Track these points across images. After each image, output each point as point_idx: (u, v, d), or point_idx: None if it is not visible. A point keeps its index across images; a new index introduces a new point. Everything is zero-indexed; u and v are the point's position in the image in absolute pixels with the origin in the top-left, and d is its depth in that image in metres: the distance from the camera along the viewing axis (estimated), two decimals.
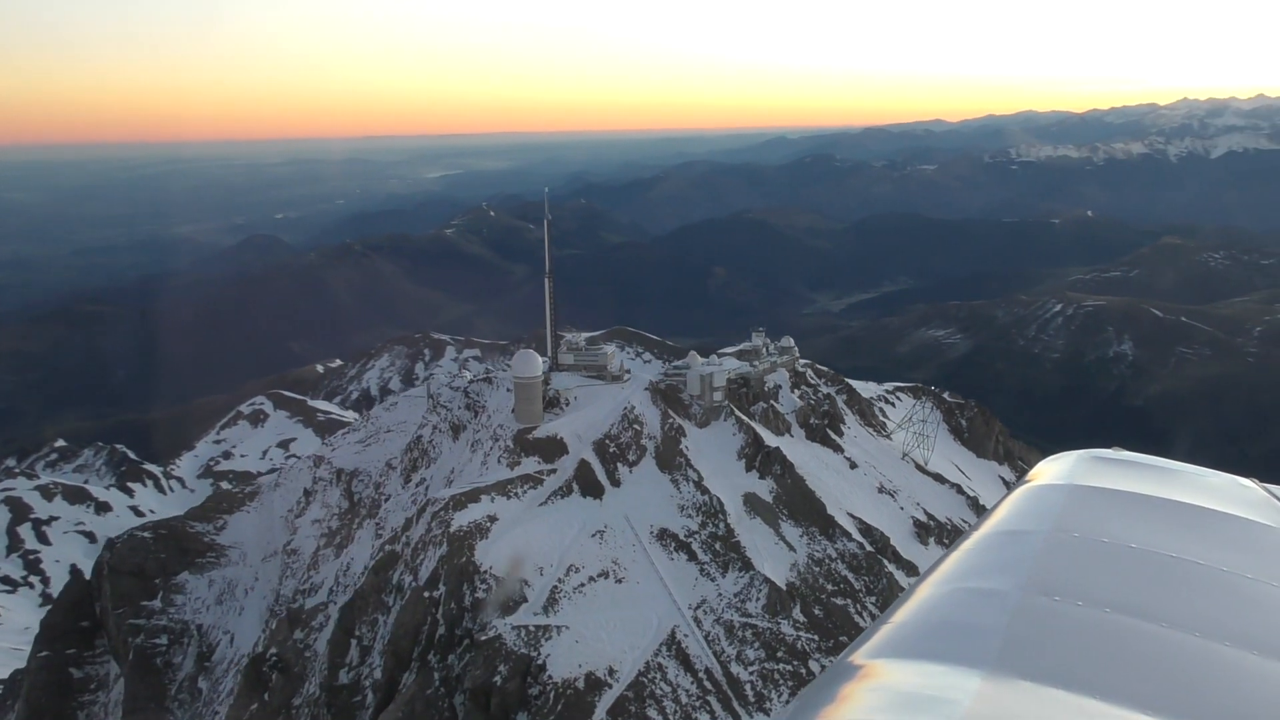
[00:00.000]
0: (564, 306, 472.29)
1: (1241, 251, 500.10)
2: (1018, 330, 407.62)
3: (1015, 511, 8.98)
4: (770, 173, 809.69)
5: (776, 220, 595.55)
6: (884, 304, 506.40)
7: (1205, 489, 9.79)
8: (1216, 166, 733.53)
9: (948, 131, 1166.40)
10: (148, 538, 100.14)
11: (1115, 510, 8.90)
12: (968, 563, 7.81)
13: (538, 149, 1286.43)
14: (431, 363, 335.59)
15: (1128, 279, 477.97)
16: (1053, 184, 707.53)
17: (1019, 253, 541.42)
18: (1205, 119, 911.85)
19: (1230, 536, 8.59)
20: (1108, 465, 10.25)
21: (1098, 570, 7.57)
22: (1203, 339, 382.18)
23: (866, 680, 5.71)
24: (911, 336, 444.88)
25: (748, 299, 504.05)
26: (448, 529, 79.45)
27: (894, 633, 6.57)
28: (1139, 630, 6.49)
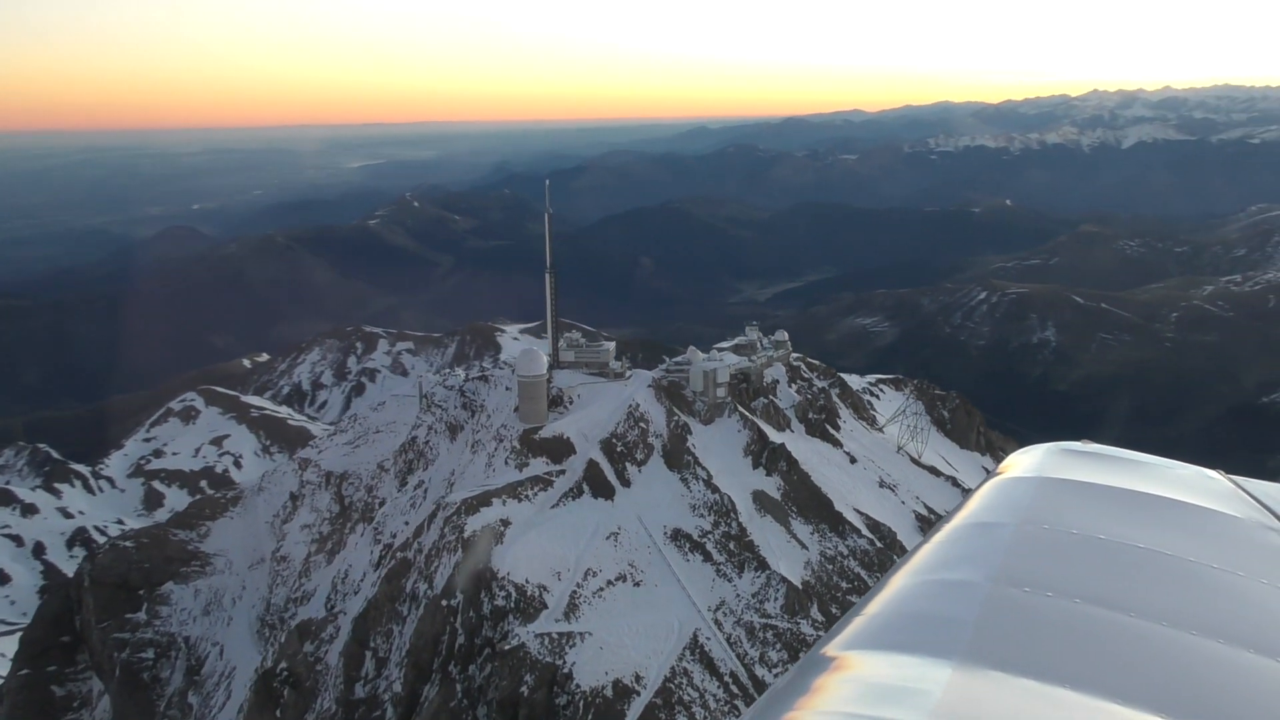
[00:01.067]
0: (491, 298, 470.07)
1: (1156, 239, 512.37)
2: (944, 318, 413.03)
3: (986, 504, 8.99)
4: (693, 163, 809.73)
5: (701, 210, 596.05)
6: (809, 293, 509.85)
7: (1173, 481, 9.85)
8: (1128, 156, 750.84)
9: (867, 122, 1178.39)
10: (130, 547, 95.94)
11: (1084, 502, 8.96)
12: (939, 554, 7.81)
13: (459, 139, 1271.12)
14: (364, 356, 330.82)
15: (1048, 266, 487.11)
16: (971, 173, 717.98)
17: (941, 241, 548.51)
18: (1116, 110, 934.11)
19: (1197, 528, 8.65)
20: (1077, 458, 10.32)
21: (1067, 562, 7.60)
22: (1122, 325, 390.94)
23: (839, 671, 5.74)
24: (839, 325, 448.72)
25: (674, 289, 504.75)
26: (461, 534, 77.11)
27: (866, 624, 6.57)
28: (1107, 620, 6.55)
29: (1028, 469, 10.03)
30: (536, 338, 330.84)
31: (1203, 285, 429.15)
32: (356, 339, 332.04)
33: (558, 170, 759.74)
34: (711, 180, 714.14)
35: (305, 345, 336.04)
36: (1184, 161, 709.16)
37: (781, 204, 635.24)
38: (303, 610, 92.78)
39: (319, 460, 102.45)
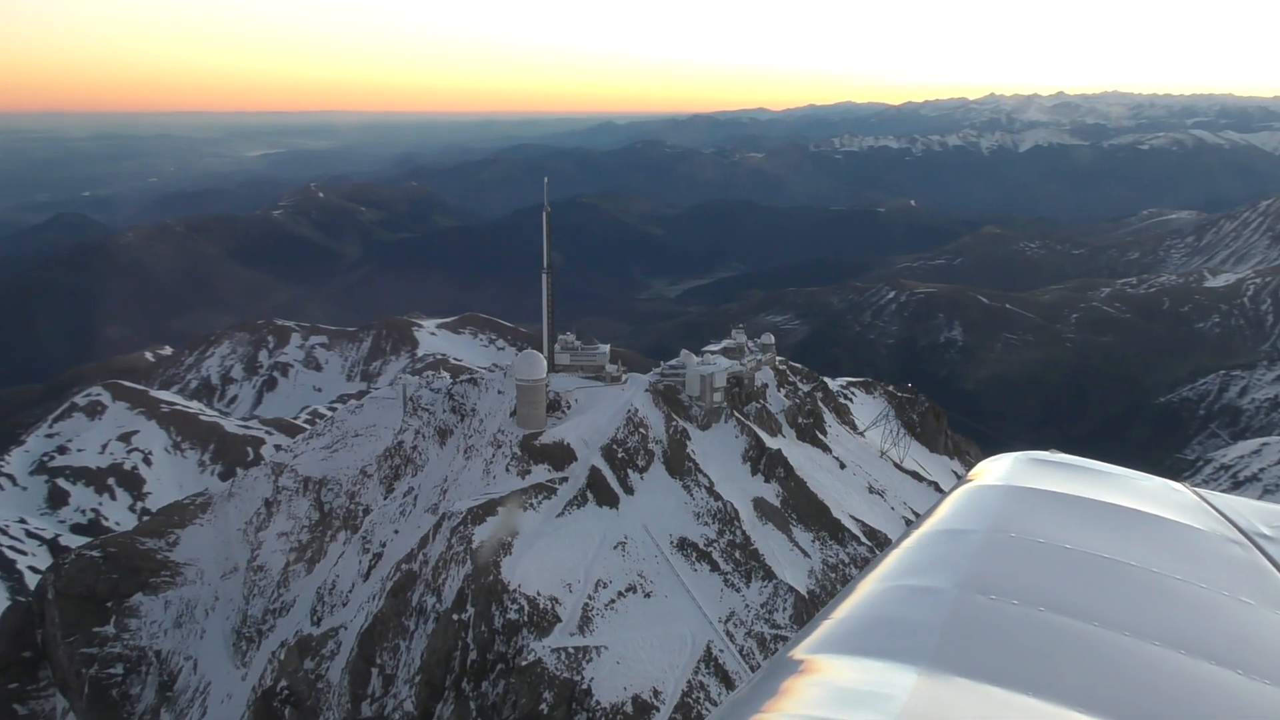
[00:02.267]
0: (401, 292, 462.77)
1: (1055, 242, 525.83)
2: (854, 316, 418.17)
3: (953, 511, 9.04)
4: (601, 158, 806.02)
5: (610, 206, 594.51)
6: (719, 290, 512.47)
7: (1138, 492, 9.96)
8: (1025, 159, 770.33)
9: (772, 120, 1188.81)
10: (96, 557, 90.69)
11: (1051, 511, 9.00)
12: (906, 561, 7.86)
13: (362, 129, 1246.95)
14: (276, 350, 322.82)
15: (952, 267, 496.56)
16: (875, 174, 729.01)
17: (847, 240, 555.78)
18: (1012, 114, 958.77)
19: (1161, 539, 8.74)
20: (1044, 467, 10.37)
21: (1033, 570, 7.68)
22: (1025, 325, 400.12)
23: (805, 675, 5.79)
24: (751, 322, 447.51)
25: (585, 285, 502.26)
26: (469, 545, 74.31)
27: (834, 628, 6.61)
28: (1072, 629, 6.62)
29: (996, 477, 10.07)
30: (453, 332, 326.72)
31: (1100, 287, 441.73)
32: (268, 332, 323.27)
33: (464, 163, 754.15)
34: (620, 176, 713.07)
35: (214, 338, 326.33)
36: (1078, 165, 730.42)
37: (689, 200, 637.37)
38: (282, 622, 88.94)
39: (295, 465, 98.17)
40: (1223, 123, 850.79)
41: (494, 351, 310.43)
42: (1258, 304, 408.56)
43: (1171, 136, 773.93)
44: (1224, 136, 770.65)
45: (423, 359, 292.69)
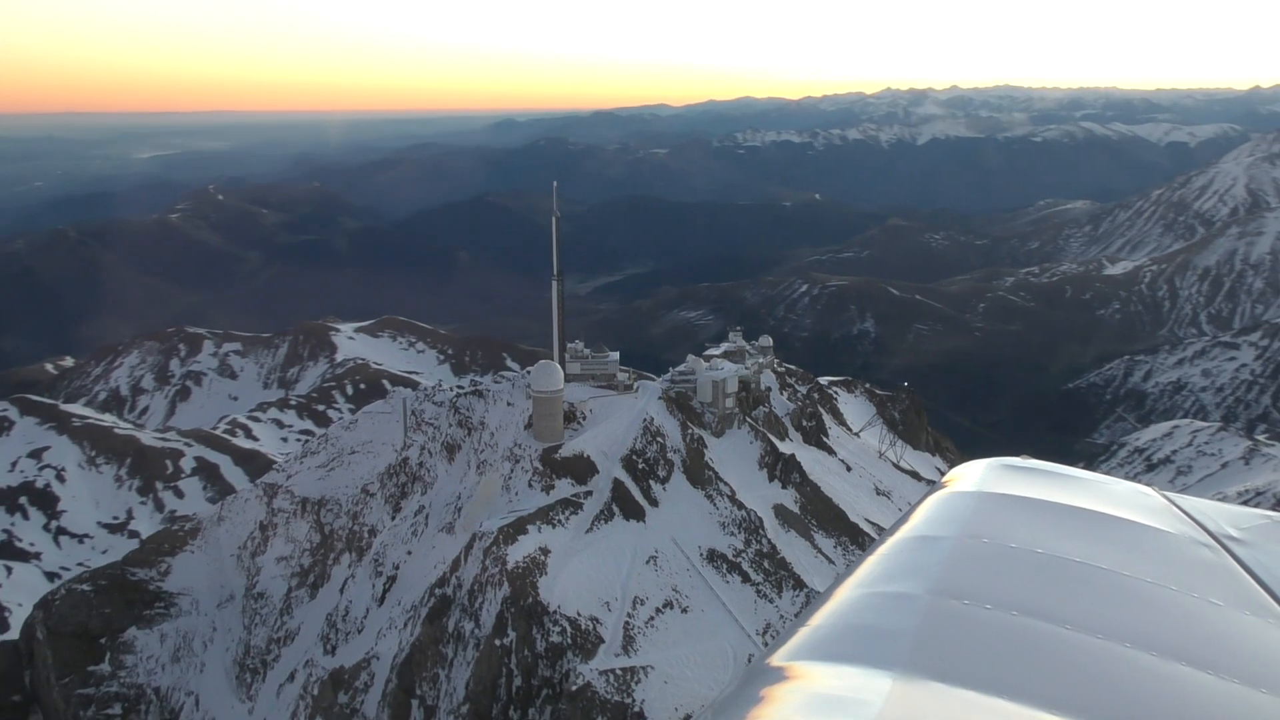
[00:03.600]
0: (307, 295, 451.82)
1: (958, 233, 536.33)
2: (767, 310, 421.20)
3: (927, 517, 9.09)
4: (504, 155, 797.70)
5: (517, 204, 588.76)
6: (629, 286, 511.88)
7: (1108, 497, 10.04)
8: (924, 152, 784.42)
9: (673, 116, 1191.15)
10: (87, 591, 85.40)
11: (1022, 517, 9.09)
12: (881, 567, 7.92)
13: (257, 129, 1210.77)
14: (188, 359, 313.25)
15: (860, 259, 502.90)
16: (778, 168, 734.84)
17: (755, 235, 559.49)
18: (909, 107, 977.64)
19: (1131, 542, 8.83)
20: (1016, 473, 10.47)
21: (1005, 575, 7.77)
22: (935, 315, 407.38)
23: (783, 682, 5.86)
24: (664, 319, 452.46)
25: (494, 284, 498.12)
26: (504, 566, 71.62)
27: (810, 635, 6.68)
28: (1044, 632, 6.71)
29: (968, 484, 10.12)
30: (372, 336, 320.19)
31: (1004, 277, 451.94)
32: (179, 340, 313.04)
33: (366, 163, 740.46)
34: (524, 173, 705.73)
35: (122, 348, 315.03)
36: (974, 157, 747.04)
37: (595, 197, 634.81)
38: (288, 651, 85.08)
39: (290, 486, 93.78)
40: (1109, 115, 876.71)
41: (414, 355, 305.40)
42: (1155, 290, 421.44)
43: (1063, 129, 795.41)
44: (1112, 128, 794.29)
45: (342, 364, 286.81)
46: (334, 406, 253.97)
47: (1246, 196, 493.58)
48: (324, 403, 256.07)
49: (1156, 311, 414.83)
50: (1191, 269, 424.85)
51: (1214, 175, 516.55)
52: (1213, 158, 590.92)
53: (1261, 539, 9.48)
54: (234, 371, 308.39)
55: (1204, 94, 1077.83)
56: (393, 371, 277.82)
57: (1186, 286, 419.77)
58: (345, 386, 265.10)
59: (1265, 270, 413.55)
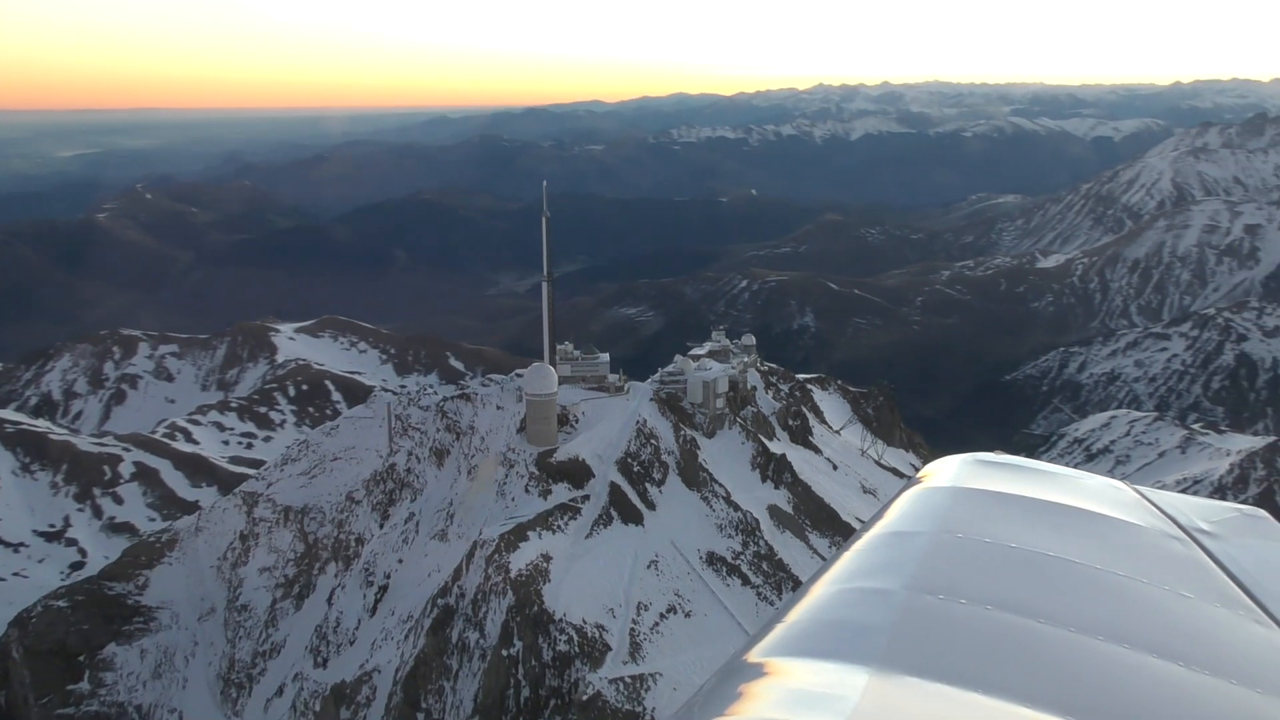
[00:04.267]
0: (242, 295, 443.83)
1: (894, 228, 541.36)
2: (708, 306, 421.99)
3: (902, 513, 9.14)
4: (438, 153, 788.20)
5: (453, 201, 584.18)
6: (568, 283, 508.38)
7: (1081, 491, 10.12)
8: (857, 148, 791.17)
9: (607, 112, 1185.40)
10: (64, 607, 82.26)
11: (996, 512, 9.17)
12: (856, 563, 7.97)
13: (184, 127, 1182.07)
14: (123, 361, 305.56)
15: (798, 254, 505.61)
16: (714, 164, 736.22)
17: (692, 230, 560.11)
18: (841, 103, 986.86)
19: (1104, 536, 8.92)
20: (990, 468, 10.54)
21: (980, 570, 7.83)
22: (873, 310, 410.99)
23: (760, 678, 5.90)
24: (604, 315, 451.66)
25: (431, 282, 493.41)
26: (508, 574, 70.17)
27: (786, 631, 6.70)
28: (1018, 626, 6.77)
29: (943, 479, 10.16)
30: (313, 336, 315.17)
31: (940, 270, 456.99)
32: (112, 343, 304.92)
33: (296, 161, 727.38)
34: (458, 170, 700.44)
35: (53, 351, 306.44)
36: (906, 153, 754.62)
37: (532, 194, 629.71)
38: (274, 665, 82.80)
39: (271, 494, 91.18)
40: (1036, 110, 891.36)
41: (356, 355, 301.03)
42: (1086, 283, 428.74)
43: (992, 124, 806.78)
44: (1040, 123, 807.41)
45: (283, 365, 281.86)
46: (276, 408, 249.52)
47: (1172, 190, 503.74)
48: (266, 405, 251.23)
49: (1088, 303, 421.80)
50: (1121, 261, 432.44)
51: (1140, 169, 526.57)
52: (1137, 152, 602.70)
53: (1231, 532, 9.58)
54: (171, 374, 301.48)
55: (1126, 89, 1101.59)
56: (335, 372, 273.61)
57: (1117, 279, 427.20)
58: (287, 388, 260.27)
59: (1192, 262, 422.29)
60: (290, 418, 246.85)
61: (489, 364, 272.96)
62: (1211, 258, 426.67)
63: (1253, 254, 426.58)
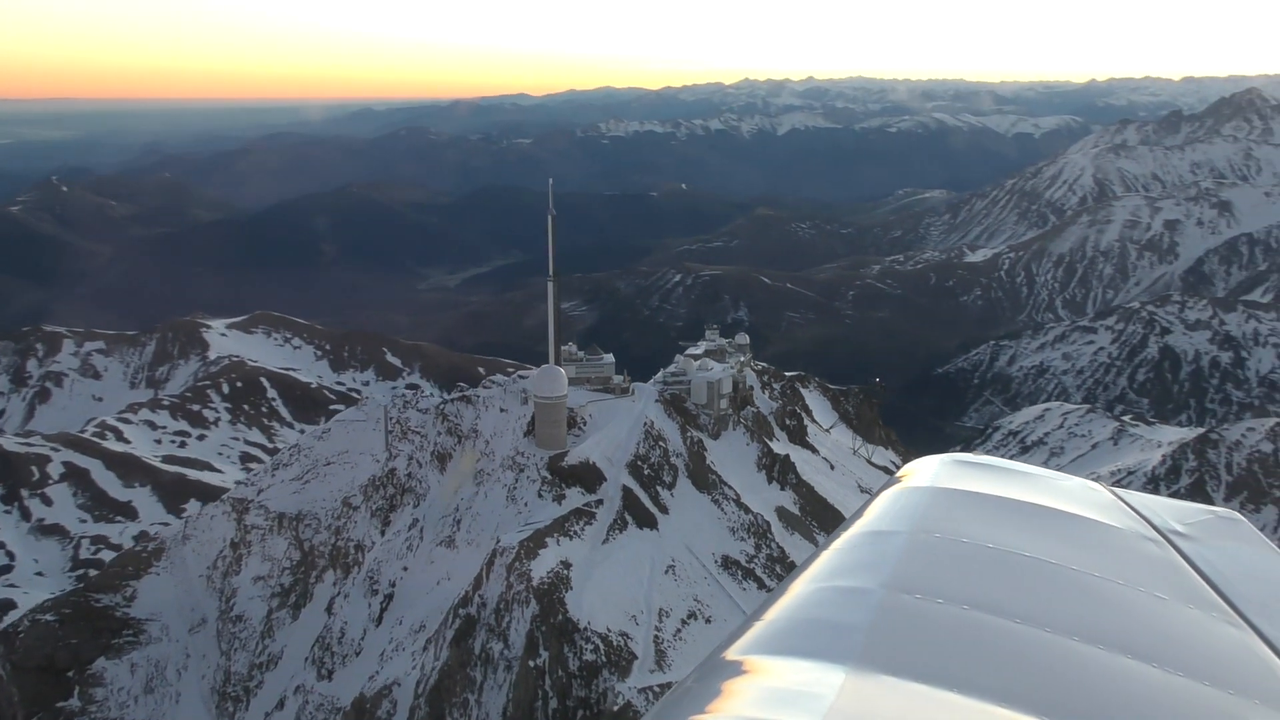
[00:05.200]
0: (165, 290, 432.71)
1: (824, 222, 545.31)
2: (641, 300, 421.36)
3: (880, 513, 9.22)
4: (364, 145, 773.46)
5: (381, 195, 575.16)
6: (500, 278, 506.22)
7: (1058, 492, 10.22)
8: (784, 142, 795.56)
9: (534, 106, 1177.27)
10: (52, 621, 78.48)
11: (973, 512, 9.25)
12: (835, 562, 8.01)
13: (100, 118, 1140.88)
14: (47, 359, 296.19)
15: (730, 249, 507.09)
16: (643, 158, 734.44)
17: (623, 224, 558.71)
18: (767, 98, 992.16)
19: (1080, 537, 9.00)
20: (968, 469, 10.60)
21: (957, 569, 7.89)
22: (806, 304, 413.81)
23: (738, 675, 5.95)
24: (538, 310, 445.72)
25: (360, 277, 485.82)
26: (530, 582, 68.38)
27: (764, 630, 6.71)
28: (994, 626, 6.81)
29: (921, 479, 10.21)
30: (246, 332, 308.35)
31: (871, 265, 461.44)
32: (35, 340, 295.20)
33: (218, 153, 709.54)
34: (386, 163, 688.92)
35: None
36: (833, 148, 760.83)
37: (460, 188, 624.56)
38: (271, 677, 80.00)
39: (263, 500, 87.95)
40: (959, 106, 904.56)
41: (291, 351, 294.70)
42: (1013, 277, 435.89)
43: (916, 120, 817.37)
44: (963, 120, 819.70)
45: (215, 362, 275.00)
46: (210, 406, 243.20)
47: (1094, 186, 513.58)
48: (199, 402, 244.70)
49: (1015, 297, 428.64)
50: (1047, 256, 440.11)
51: (1063, 166, 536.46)
52: (1057, 148, 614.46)
53: (1204, 534, 9.62)
54: (98, 371, 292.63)
55: (1044, 86, 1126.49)
56: (270, 369, 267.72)
57: (1043, 273, 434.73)
58: (221, 385, 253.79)
59: (1114, 257, 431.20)
60: (225, 416, 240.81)
61: (427, 360, 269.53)
62: (1133, 252, 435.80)
63: (1172, 249, 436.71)
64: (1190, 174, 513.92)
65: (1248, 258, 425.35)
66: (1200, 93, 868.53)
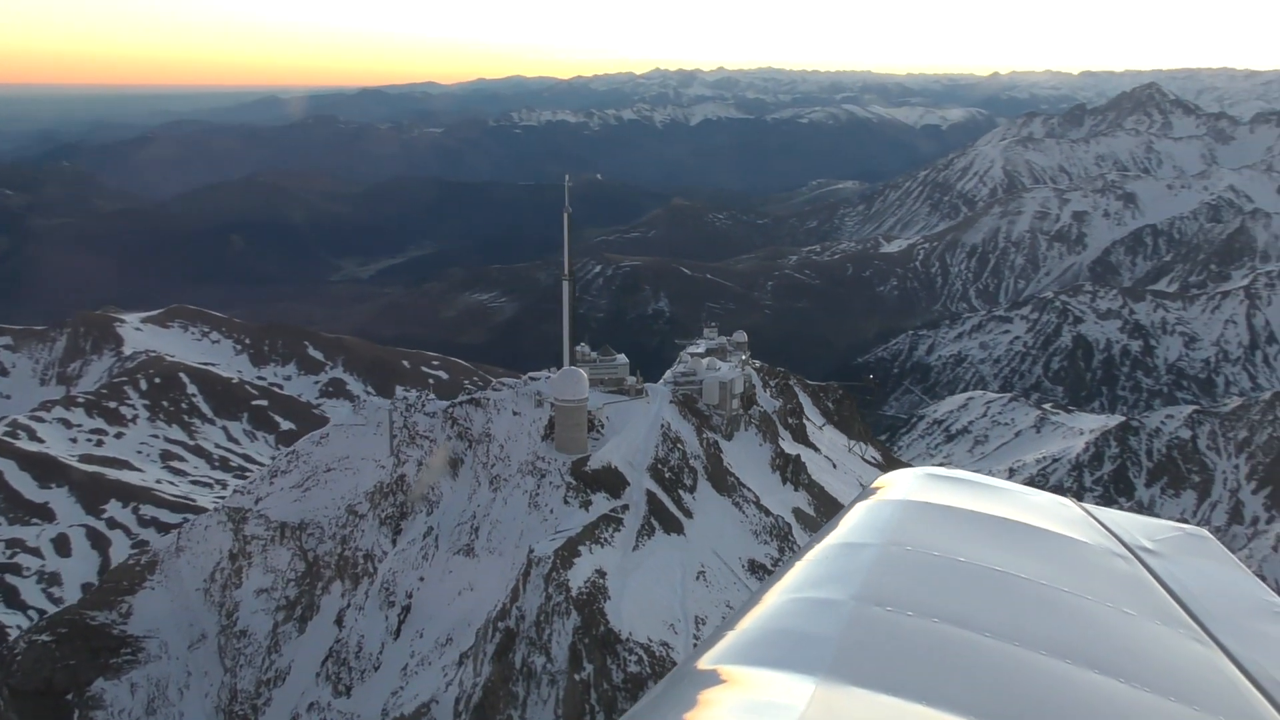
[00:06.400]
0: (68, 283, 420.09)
1: (740, 212, 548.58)
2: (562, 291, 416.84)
3: (853, 525, 9.34)
4: (271, 134, 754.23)
5: (290, 184, 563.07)
6: (414, 269, 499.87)
7: (1029, 507, 10.38)
8: (697, 133, 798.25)
9: (444, 94, 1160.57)
10: (49, 642, 74.01)
11: (946, 526, 9.38)
12: (806, 574, 8.07)
13: None
14: None
15: (647, 239, 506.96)
16: (556, 148, 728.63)
17: (539, 215, 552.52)
18: (679, 88, 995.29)
19: (1050, 552, 9.14)
20: (940, 482, 10.75)
21: (927, 582, 7.97)
22: (726, 294, 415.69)
23: (708, 686, 5.99)
24: (456, 301, 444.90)
25: (271, 268, 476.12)
26: (569, 593, 66.39)
27: (735, 640, 6.74)
28: (963, 640, 6.88)
29: (894, 492, 10.32)
30: (162, 327, 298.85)
31: (788, 255, 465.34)
32: None
33: (118, 141, 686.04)
34: (293, 152, 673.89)
35: None
36: (746, 138, 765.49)
37: (371, 177, 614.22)
38: (279, 693, 76.70)
39: (262, 509, 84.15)
40: (867, 98, 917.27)
41: (209, 345, 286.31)
42: (928, 267, 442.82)
43: (827, 111, 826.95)
44: (872, 111, 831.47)
45: (131, 358, 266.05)
46: (127, 403, 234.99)
47: (1004, 177, 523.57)
48: (116, 399, 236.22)
49: (931, 287, 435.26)
50: (960, 246, 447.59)
51: (973, 158, 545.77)
52: (964, 140, 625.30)
53: (1174, 551, 9.72)
54: (4, 368, 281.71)
55: (950, 79, 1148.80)
56: (189, 364, 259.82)
57: (956, 263, 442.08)
58: (138, 381, 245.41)
59: (1025, 247, 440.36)
60: (143, 413, 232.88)
61: (350, 354, 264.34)
62: (1043, 243, 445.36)
63: (1080, 239, 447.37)
64: (1095, 166, 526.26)
65: (1152, 248, 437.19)
66: (1098, 86, 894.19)
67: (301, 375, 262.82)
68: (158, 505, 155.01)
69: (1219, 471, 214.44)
